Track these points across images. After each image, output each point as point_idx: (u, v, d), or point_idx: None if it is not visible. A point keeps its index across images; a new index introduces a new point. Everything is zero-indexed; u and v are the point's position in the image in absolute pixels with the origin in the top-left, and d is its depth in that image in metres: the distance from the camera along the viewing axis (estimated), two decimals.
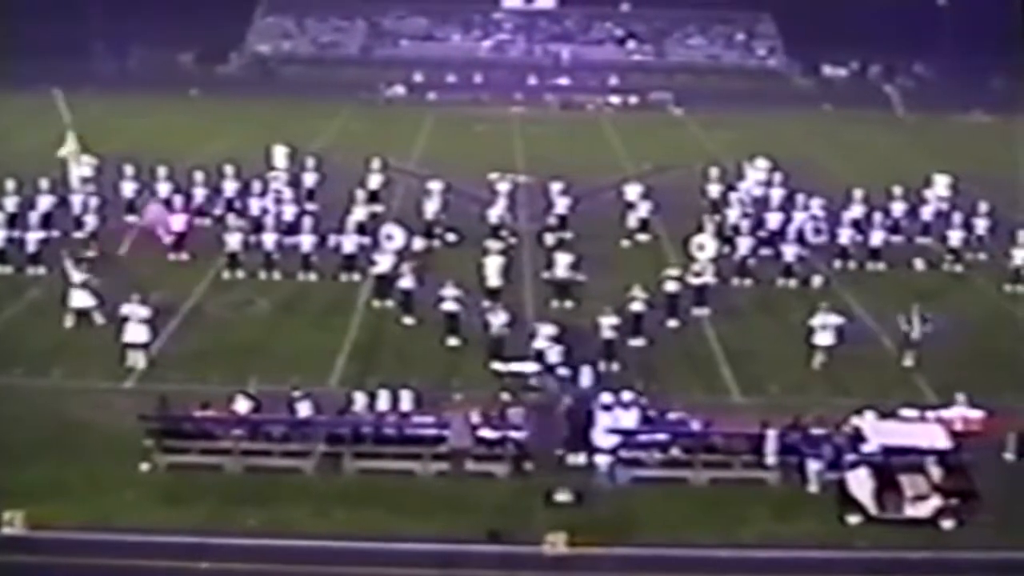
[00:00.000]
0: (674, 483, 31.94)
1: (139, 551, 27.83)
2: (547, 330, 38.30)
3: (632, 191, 56.43)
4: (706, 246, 47.73)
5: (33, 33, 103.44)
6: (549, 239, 52.61)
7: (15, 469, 30.87)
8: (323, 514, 29.85)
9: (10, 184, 52.40)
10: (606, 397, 33.45)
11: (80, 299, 42.28)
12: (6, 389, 37.07)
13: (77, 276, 42.47)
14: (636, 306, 41.50)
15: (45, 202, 52.66)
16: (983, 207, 53.74)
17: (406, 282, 43.91)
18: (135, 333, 39.41)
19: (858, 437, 31.83)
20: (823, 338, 39.98)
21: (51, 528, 28.40)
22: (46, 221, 51.12)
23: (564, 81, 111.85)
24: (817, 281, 48.77)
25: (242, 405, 33.43)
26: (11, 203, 51.56)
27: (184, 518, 29.33)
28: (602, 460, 32.39)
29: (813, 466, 31.61)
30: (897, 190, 55.70)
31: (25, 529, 28.34)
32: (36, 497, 29.39)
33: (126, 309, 39.61)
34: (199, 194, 55.29)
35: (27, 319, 43.71)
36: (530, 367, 37.13)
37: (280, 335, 42.41)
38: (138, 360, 39.16)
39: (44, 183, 53.46)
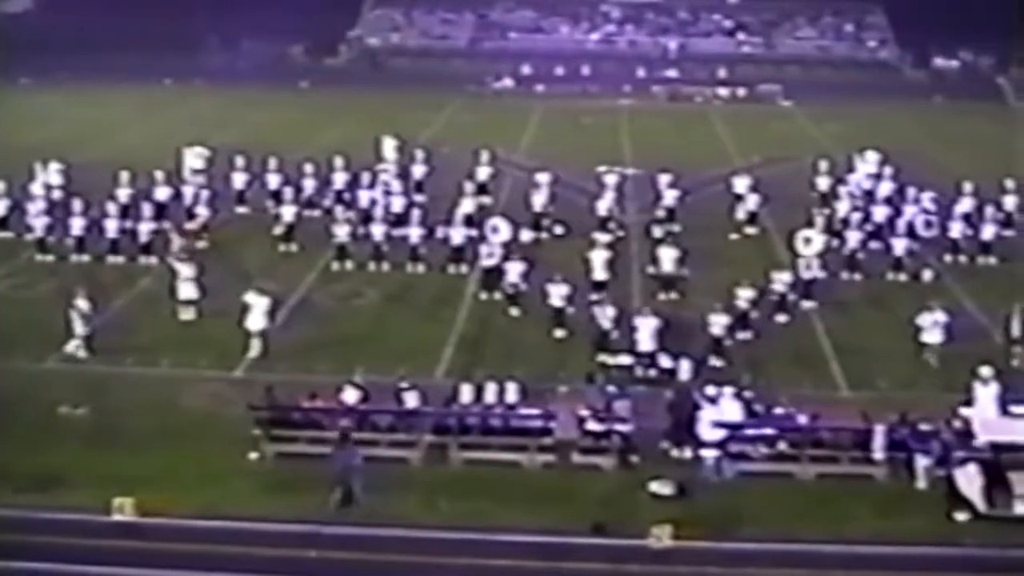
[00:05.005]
0: (780, 477, 31.77)
1: (247, 539, 28.08)
2: (649, 322, 38.33)
3: (740, 184, 56.20)
4: (813, 240, 47.39)
5: (144, 27, 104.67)
6: (657, 231, 52.51)
7: (125, 456, 31.28)
8: (429, 504, 29.96)
9: (124, 175, 53.16)
10: (710, 390, 33.34)
11: (187, 291, 42.75)
12: (118, 377, 37.61)
13: (186, 270, 43.00)
14: (742, 304, 41.32)
15: (160, 193, 53.41)
16: None
17: (513, 275, 44.02)
18: (255, 320, 39.81)
19: (967, 433, 31.53)
20: (932, 335, 39.60)
21: (160, 515, 28.69)
22: (159, 212, 51.79)
23: (672, 73, 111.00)
24: (927, 275, 48.29)
25: (350, 395, 33.67)
26: (124, 194, 52.35)
27: (292, 507, 29.52)
28: (708, 453, 32.29)
29: (921, 462, 31.24)
30: (1009, 183, 54.93)
31: (134, 516, 28.64)
32: (145, 484, 29.66)
33: (248, 297, 39.95)
34: (308, 186, 55.71)
35: (138, 308, 44.21)
36: (632, 360, 37.26)
37: (388, 326, 42.61)
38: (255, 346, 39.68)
39: (159, 175, 54.19)
